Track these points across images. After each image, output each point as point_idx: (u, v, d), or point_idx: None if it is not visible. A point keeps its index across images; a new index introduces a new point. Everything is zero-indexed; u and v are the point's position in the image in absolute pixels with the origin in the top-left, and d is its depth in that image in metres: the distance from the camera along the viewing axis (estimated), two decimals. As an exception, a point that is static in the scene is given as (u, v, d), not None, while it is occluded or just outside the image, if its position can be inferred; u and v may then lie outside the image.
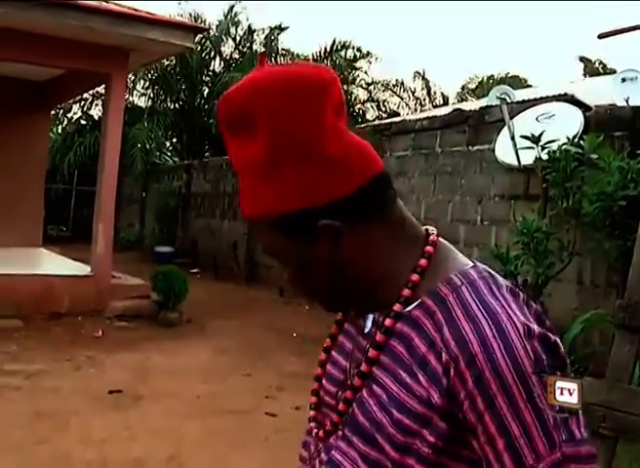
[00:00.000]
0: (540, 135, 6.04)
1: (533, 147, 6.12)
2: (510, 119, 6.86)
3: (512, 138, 6.66)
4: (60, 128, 19.85)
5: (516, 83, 18.17)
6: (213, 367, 6.60)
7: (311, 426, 1.06)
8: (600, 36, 7.03)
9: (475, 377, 0.84)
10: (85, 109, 18.55)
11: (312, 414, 1.07)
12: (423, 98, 21.47)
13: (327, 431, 1.00)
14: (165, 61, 15.47)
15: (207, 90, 17.34)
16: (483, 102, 9.29)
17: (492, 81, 21.09)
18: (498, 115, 7.30)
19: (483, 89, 19.89)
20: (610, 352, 3.28)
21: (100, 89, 13.81)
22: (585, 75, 20.82)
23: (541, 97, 7.32)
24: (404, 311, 0.93)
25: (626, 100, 6.64)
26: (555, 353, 0.88)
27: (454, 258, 0.98)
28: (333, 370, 1.06)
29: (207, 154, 17.30)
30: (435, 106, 19.91)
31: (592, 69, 21.56)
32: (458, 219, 8.00)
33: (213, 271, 13.41)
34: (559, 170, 5.83)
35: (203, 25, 15.06)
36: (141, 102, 17.86)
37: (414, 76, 21.49)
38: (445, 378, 0.85)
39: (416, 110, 20.35)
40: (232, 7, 17.47)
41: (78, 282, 8.52)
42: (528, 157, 6.43)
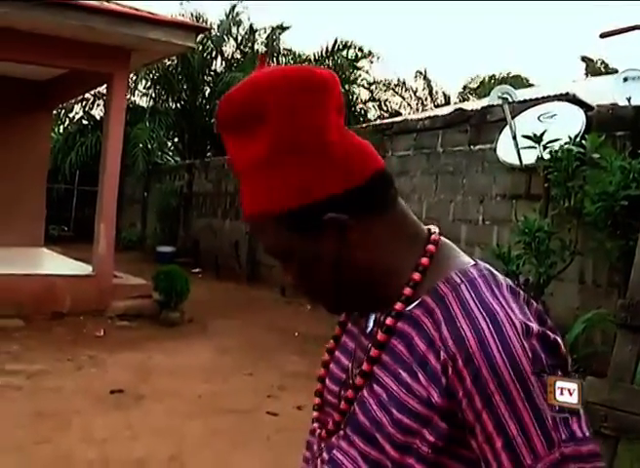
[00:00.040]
0: (542, 134, 6.03)
1: (534, 147, 6.11)
2: (512, 119, 6.85)
3: (514, 138, 6.66)
4: (62, 128, 19.85)
5: (518, 82, 18.14)
6: (214, 366, 6.60)
7: (314, 427, 1.06)
8: (602, 36, 7.03)
9: (473, 376, 0.83)
10: (87, 109, 18.58)
11: (315, 415, 1.07)
12: (425, 98, 21.49)
13: (329, 430, 1.00)
14: (166, 61, 15.49)
15: (208, 89, 17.36)
16: (485, 102, 9.29)
17: (493, 81, 21.04)
18: (499, 115, 7.30)
19: (485, 88, 19.84)
20: (612, 352, 3.27)
21: (102, 89, 13.79)
22: (587, 75, 20.79)
23: (543, 97, 7.31)
24: (405, 310, 0.93)
25: (628, 100, 6.63)
26: (555, 352, 0.87)
27: (455, 257, 0.98)
28: (336, 369, 1.06)
29: (208, 154, 17.32)
30: (437, 106, 19.91)
31: (594, 69, 21.53)
32: (459, 219, 8.00)
33: (214, 271, 13.41)
34: (561, 169, 5.83)
35: (204, 25, 15.09)
36: (143, 102, 17.92)
37: (415, 76, 21.52)
38: (444, 377, 0.85)
39: (417, 110, 20.36)
40: (234, 7, 17.51)
41: (80, 282, 8.53)
42: (530, 157, 6.42)
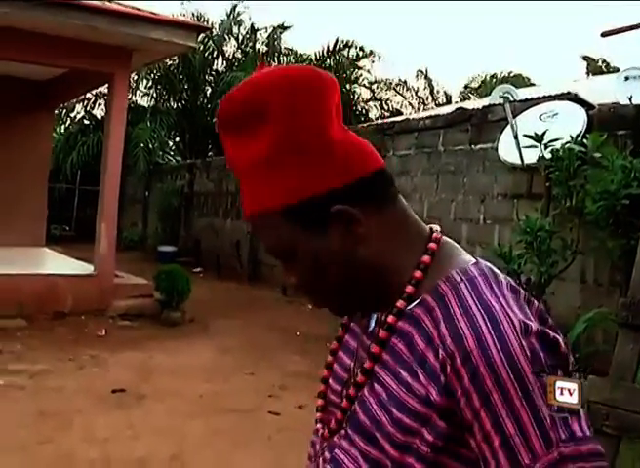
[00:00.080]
0: (544, 133, 6.03)
1: (536, 146, 6.11)
2: (513, 118, 6.85)
3: (515, 137, 6.65)
4: (64, 127, 19.87)
5: (519, 82, 18.15)
6: (216, 366, 6.60)
7: (317, 427, 1.06)
8: (603, 34, 7.03)
9: (471, 374, 0.83)
10: (88, 109, 18.59)
11: (319, 417, 1.07)
12: (426, 97, 21.50)
13: (331, 429, 1.00)
14: (168, 61, 15.49)
15: (210, 89, 17.37)
16: (486, 101, 9.28)
17: (495, 80, 21.05)
18: (501, 114, 7.30)
19: (486, 88, 19.85)
20: (613, 351, 3.27)
21: (104, 88, 13.81)
22: (589, 74, 20.78)
23: (545, 96, 7.31)
24: (406, 309, 0.93)
25: (630, 99, 6.63)
26: (555, 351, 0.86)
27: (457, 256, 0.97)
28: (339, 369, 1.06)
29: (210, 153, 17.32)
30: (438, 105, 19.91)
31: (595, 68, 21.52)
32: (460, 218, 8.00)
33: (215, 270, 13.41)
34: (562, 168, 5.83)
35: (206, 25, 15.09)
36: (144, 102, 17.94)
37: (416, 75, 21.55)
38: (442, 375, 0.85)
39: (418, 109, 20.36)
40: (235, 6, 17.52)
41: (81, 281, 8.53)
42: (531, 156, 6.42)
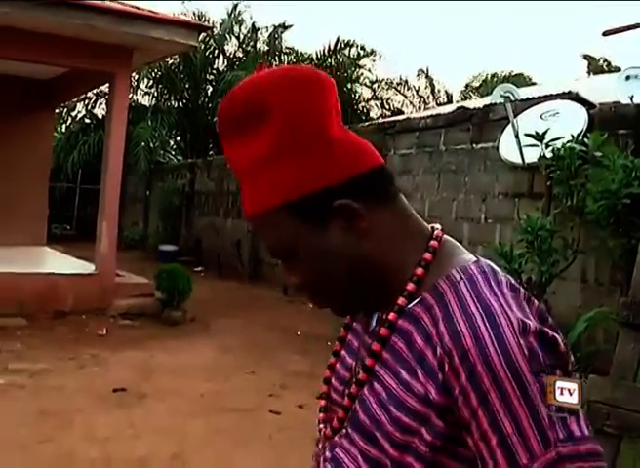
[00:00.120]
0: (545, 133, 6.03)
1: (537, 145, 6.11)
2: (514, 117, 6.85)
3: (516, 136, 6.65)
4: (65, 126, 19.87)
5: (520, 81, 18.11)
6: (216, 365, 6.60)
7: (320, 427, 1.06)
8: (604, 34, 7.02)
9: (468, 372, 0.82)
10: (89, 108, 18.59)
11: (322, 417, 1.07)
12: (427, 97, 21.46)
13: (333, 428, 1.00)
14: (169, 60, 15.51)
15: (211, 88, 17.38)
16: (487, 100, 9.27)
17: (496, 79, 21.02)
18: (502, 113, 7.29)
19: (487, 87, 19.83)
20: (614, 350, 3.27)
21: (104, 87, 13.81)
22: (590, 73, 20.75)
23: (546, 95, 7.30)
24: (406, 308, 0.93)
25: (631, 98, 6.62)
26: (554, 350, 0.86)
27: (458, 254, 0.97)
28: (341, 369, 1.06)
29: (211, 153, 17.32)
30: (439, 104, 19.89)
31: (596, 67, 21.50)
32: (462, 217, 7.99)
33: (216, 269, 13.41)
34: (563, 168, 5.82)
35: (207, 24, 15.09)
36: (145, 101, 17.96)
37: (417, 74, 21.50)
38: (440, 373, 0.85)
39: (419, 108, 20.34)
40: (236, 5, 17.52)
41: (82, 280, 8.54)
42: (532, 155, 6.41)
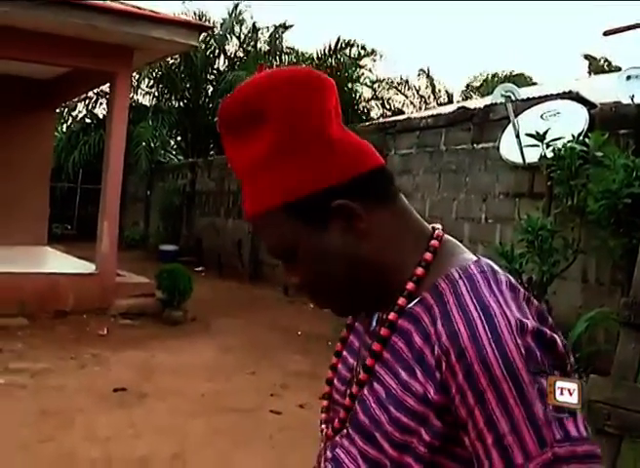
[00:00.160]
0: (545, 132, 6.03)
1: (538, 145, 6.11)
2: (515, 117, 6.85)
3: (517, 136, 6.65)
4: (65, 126, 19.87)
5: (521, 81, 18.11)
6: (217, 365, 6.61)
7: (322, 428, 1.06)
8: (605, 33, 7.01)
9: (465, 371, 0.82)
10: (90, 108, 18.58)
11: (323, 417, 1.07)
12: (428, 96, 21.45)
13: (334, 428, 1.00)
14: (169, 60, 15.50)
15: (211, 88, 17.37)
16: (488, 100, 9.27)
17: (496, 79, 21.01)
18: (502, 113, 7.29)
19: (488, 87, 19.82)
20: (615, 350, 3.27)
21: (105, 87, 13.83)
22: (590, 73, 20.74)
23: (546, 95, 7.30)
24: (406, 307, 0.93)
25: (631, 98, 6.62)
26: (552, 350, 0.85)
27: (459, 254, 0.97)
28: (343, 370, 1.06)
29: (211, 152, 17.31)
30: (440, 104, 19.88)
31: (597, 67, 21.49)
32: (462, 217, 7.99)
33: (217, 269, 13.42)
34: (564, 168, 5.82)
35: (207, 24, 15.07)
36: (146, 101, 17.95)
37: (418, 74, 21.49)
38: (438, 372, 0.85)
39: (420, 108, 20.34)
40: (237, 5, 17.52)
41: (83, 280, 8.54)
42: (533, 155, 6.41)
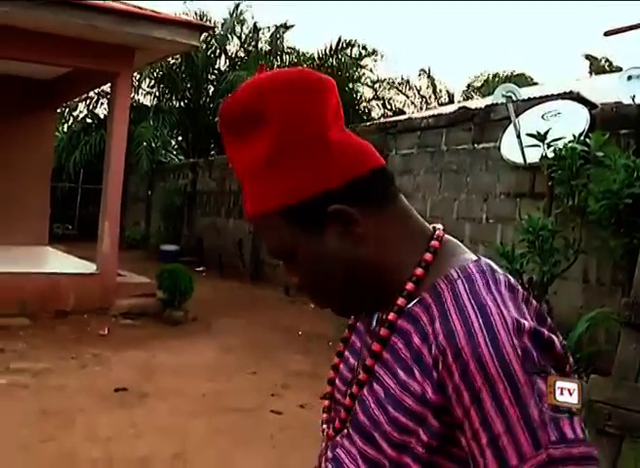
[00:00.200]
0: (546, 133, 6.03)
1: (538, 145, 6.11)
2: (516, 117, 6.85)
3: (518, 136, 6.65)
4: (66, 126, 19.89)
5: (522, 81, 18.11)
6: (218, 365, 6.61)
7: (323, 427, 1.06)
8: (606, 34, 7.02)
9: (461, 370, 0.82)
10: (91, 108, 18.60)
11: (325, 417, 1.07)
12: (429, 97, 21.47)
13: (335, 428, 1.00)
14: (170, 60, 15.52)
15: (212, 88, 17.39)
16: (489, 100, 9.27)
17: (497, 79, 21.01)
18: (503, 113, 7.29)
19: (489, 87, 19.82)
20: (616, 350, 3.27)
21: (106, 87, 13.84)
22: (591, 73, 20.74)
23: (547, 95, 7.30)
24: (406, 307, 0.93)
25: (632, 98, 6.61)
26: (549, 351, 0.85)
27: (459, 254, 0.97)
28: (345, 370, 1.06)
29: (212, 152, 17.33)
30: (441, 104, 19.89)
31: (598, 67, 21.48)
32: (463, 217, 7.99)
33: (218, 269, 13.42)
34: (565, 168, 5.82)
35: (208, 24, 15.07)
36: (147, 101, 17.97)
37: (419, 74, 21.51)
38: (435, 372, 0.85)
39: (421, 108, 20.35)
40: (238, 5, 17.54)
41: (84, 280, 8.54)
42: (534, 155, 6.41)
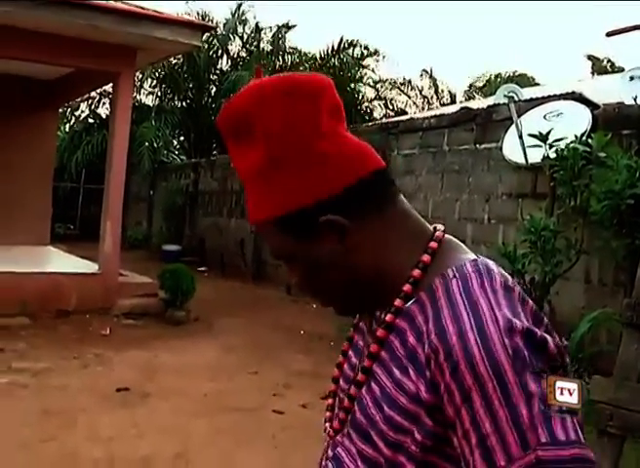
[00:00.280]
0: (548, 133, 6.03)
1: (540, 146, 6.11)
2: (518, 117, 6.84)
3: (520, 137, 6.65)
4: (68, 126, 19.90)
5: (524, 81, 18.10)
6: (220, 365, 6.61)
7: (326, 426, 1.06)
8: (608, 34, 7.03)
9: (452, 370, 0.82)
10: (93, 108, 18.62)
11: (328, 416, 1.07)
12: (431, 97, 21.47)
13: (334, 428, 1.01)
14: (172, 60, 15.52)
15: (214, 88, 17.40)
16: (491, 101, 9.27)
17: (499, 79, 20.98)
18: (505, 113, 7.29)
19: (491, 87, 19.81)
20: (617, 351, 3.27)
21: (108, 87, 13.85)
22: (593, 73, 20.71)
23: (549, 96, 7.30)
24: (403, 307, 0.93)
25: (634, 99, 6.62)
26: (542, 351, 0.83)
27: (459, 254, 0.97)
28: (348, 369, 1.07)
29: (214, 152, 17.33)
30: (443, 105, 19.89)
31: (600, 67, 21.45)
32: (465, 218, 7.99)
33: (220, 269, 13.43)
34: (567, 168, 5.82)
35: (210, 24, 15.09)
36: (149, 101, 17.98)
37: (421, 74, 21.50)
38: (428, 370, 0.85)
39: (423, 109, 20.35)
40: (240, 5, 17.54)
41: (86, 280, 8.55)
42: (535, 155, 6.42)
